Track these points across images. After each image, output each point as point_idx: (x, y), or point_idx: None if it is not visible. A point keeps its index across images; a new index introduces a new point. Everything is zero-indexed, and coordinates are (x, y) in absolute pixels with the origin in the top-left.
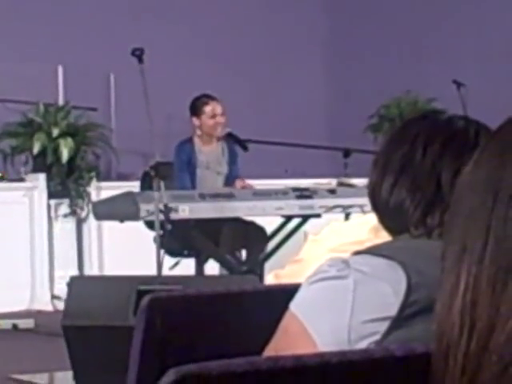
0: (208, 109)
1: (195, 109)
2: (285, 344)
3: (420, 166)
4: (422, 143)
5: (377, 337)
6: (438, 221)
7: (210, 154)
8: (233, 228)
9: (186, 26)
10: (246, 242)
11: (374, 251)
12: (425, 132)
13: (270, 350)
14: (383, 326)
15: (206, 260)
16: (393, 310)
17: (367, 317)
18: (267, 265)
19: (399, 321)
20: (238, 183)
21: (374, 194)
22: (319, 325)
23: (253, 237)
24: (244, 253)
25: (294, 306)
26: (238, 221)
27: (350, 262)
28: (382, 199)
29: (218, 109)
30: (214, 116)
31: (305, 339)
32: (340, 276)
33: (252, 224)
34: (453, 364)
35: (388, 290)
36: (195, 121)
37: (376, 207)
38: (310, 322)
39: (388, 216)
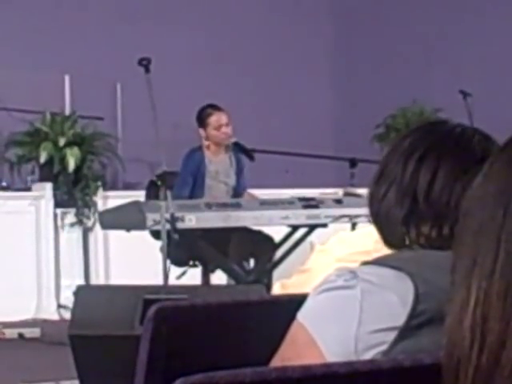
0: (213, 120)
1: (201, 120)
2: (292, 354)
3: (409, 178)
4: (417, 155)
5: (384, 347)
6: (417, 232)
7: (220, 165)
8: (241, 237)
9: (192, 35)
10: (254, 250)
11: (381, 262)
12: (422, 144)
13: (277, 360)
14: (390, 336)
15: (213, 270)
16: (400, 320)
17: (374, 327)
18: (273, 274)
19: (406, 331)
20: (247, 197)
21: (370, 204)
22: (326, 335)
23: (261, 245)
24: (252, 262)
25: (302, 315)
26: (245, 230)
27: (357, 272)
28: (374, 209)
29: (223, 119)
30: (219, 127)
31: (312, 349)
32: (347, 286)
33: (260, 233)
34: (463, 378)
35: (395, 300)
36: (202, 132)
37: (372, 217)
38: (317, 331)
39: (379, 226)
